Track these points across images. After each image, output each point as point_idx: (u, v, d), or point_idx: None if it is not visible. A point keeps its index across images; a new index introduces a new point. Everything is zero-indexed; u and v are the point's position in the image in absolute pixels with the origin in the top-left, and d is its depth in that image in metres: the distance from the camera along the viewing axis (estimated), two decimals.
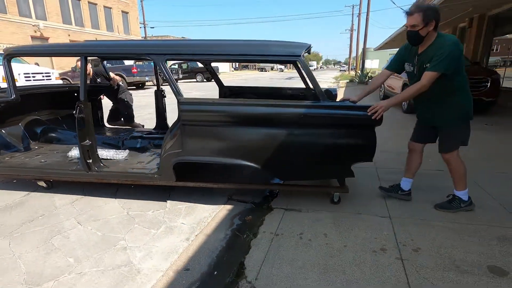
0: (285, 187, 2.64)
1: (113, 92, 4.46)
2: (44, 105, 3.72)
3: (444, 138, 2.20)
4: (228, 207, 2.63)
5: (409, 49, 2.16)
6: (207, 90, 14.29)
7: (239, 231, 2.25)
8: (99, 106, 4.36)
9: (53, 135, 3.67)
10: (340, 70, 56.25)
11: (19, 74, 9.38)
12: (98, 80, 4.36)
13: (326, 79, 25.47)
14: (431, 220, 2.26)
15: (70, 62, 19.78)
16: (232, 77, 31.25)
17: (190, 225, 2.35)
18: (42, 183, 2.89)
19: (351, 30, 36.81)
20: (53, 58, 20.02)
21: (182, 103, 2.30)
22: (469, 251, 1.87)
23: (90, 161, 2.58)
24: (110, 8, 24.88)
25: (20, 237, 2.13)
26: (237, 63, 78.09)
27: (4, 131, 3.19)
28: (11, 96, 2.69)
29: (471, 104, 2.10)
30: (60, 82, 11.33)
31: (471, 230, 2.11)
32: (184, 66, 22.88)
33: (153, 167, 2.76)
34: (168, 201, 2.72)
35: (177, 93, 2.33)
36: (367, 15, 20.28)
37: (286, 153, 2.29)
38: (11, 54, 2.58)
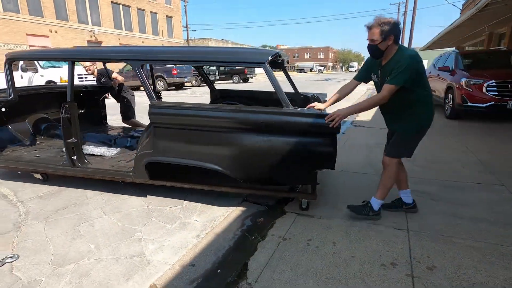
0: (252, 190, 2.64)
1: (117, 91, 4.63)
2: (52, 104, 4.00)
3: (394, 142, 2.20)
4: (242, 208, 2.68)
5: (374, 60, 2.16)
6: None
7: (248, 232, 2.28)
8: (102, 106, 4.67)
9: (55, 131, 3.91)
10: None
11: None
12: (102, 79, 4.60)
13: None
14: (454, 236, 2.07)
15: (119, 64, 21.48)
16: (267, 78, 31.41)
17: (203, 222, 2.43)
18: (38, 176, 3.18)
19: None
20: None
21: (152, 106, 2.44)
22: (492, 276, 1.69)
23: (75, 157, 2.80)
24: (156, 13, 26.50)
25: (53, 222, 2.39)
26: None
27: (10, 127, 3.53)
28: (10, 96, 2.99)
29: (429, 117, 2.10)
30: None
31: (499, 252, 1.90)
32: (222, 67, 23.54)
33: (132, 165, 2.85)
34: (185, 200, 2.84)
35: (150, 97, 2.49)
36: (413, 13, 19.06)
37: (248, 157, 2.33)
38: (12, 59, 2.89)
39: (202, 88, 17.46)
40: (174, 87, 16.65)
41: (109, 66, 4.72)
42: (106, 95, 4.72)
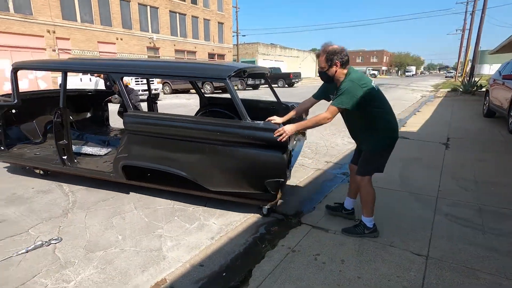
0: (212, 194, 2.73)
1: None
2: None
3: (362, 162, 2.24)
4: (259, 215, 2.74)
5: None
6: (285, 97, 14.58)
7: (260, 240, 2.34)
8: (105, 108, 5.06)
9: None
10: (446, 76, 48.71)
11: (131, 79, 11.59)
12: (108, 83, 4.96)
13: (422, 87, 22.56)
14: (480, 270, 1.87)
15: None
16: (314, 82, 30.86)
17: (220, 226, 2.56)
18: (39, 171, 3.54)
19: (463, 30, 31.42)
20: None
21: (126, 116, 2.71)
22: None
23: (65, 157, 3.09)
24: (209, 20, 27.96)
25: (93, 212, 2.74)
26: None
27: (18, 127, 3.91)
28: (14, 100, 3.34)
29: (392, 134, 2.14)
30: (160, 86, 13.41)
31: None
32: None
33: None
34: (208, 201, 3.00)
35: (128, 106, 2.76)
36: (483, 12, 17.06)
37: (207, 164, 2.53)
38: (17, 68, 3.27)
39: (246, 92, 17.92)
40: (220, 90, 17.38)
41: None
42: (110, 98, 5.16)
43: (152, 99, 4.54)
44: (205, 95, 4.35)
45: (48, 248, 2.18)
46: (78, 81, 12.09)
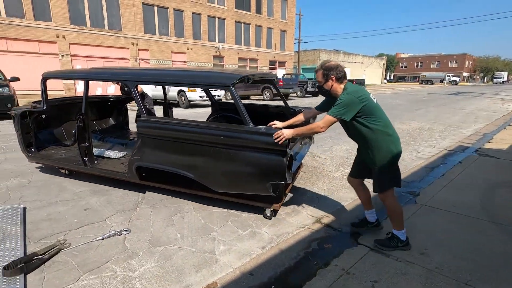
0: (217, 195, 2.88)
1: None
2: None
3: (375, 178, 2.27)
4: (313, 228, 2.65)
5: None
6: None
7: (312, 256, 2.25)
8: (125, 113, 5.36)
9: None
10: None
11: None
12: (125, 89, 5.19)
13: None
14: None
15: None
16: (379, 90, 28.87)
17: (271, 235, 2.54)
18: (64, 170, 3.82)
19: None
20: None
21: (140, 120, 2.92)
22: None
23: (86, 158, 3.33)
24: (272, 28, 28.55)
25: (157, 209, 3.00)
26: (391, 75, 70.98)
27: (47, 131, 4.21)
28: (43, 107, 3.70)
29: (395, 147, 2.17)
30: (222, 92, 14.10)
31: None
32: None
33: None
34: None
35: (142, 112, 2.98)
36: None
37: (213, 167, 2.67)
38: (46, 77, 3.60)
39: (306, 99, 17.70)
40: (279, 97, 17.51)
41: None
42: (130, 103, 5.50)
43: (168, 105, 4.85)
44: (253, 101, 4.53)
45: (119, 238, 2.45)
46: (153, 86, 13.49)
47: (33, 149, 3.79)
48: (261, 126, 2.49)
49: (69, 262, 2.13)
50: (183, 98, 12.92)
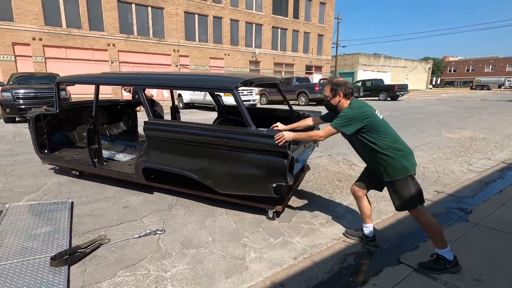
0: (221, 197, 2.97)
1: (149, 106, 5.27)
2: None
3: (392, 195, 2.19)
4: (349, 242, 2.49)
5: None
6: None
7: (347, 272, 2.11)
8: (134, 117, 5.48)
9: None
10: None
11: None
12: (136, 96, 5.22)
13: None
14: None
15: None
16: (424, 95, 27.05)
17: (304, 246, 2.44)
18: (75, 171, 3.94)
19: None
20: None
21: (146, 123, 3.01)
22: None
23: (96, 160, 3.43)
24: (309, 33, 28.25)
25: (191, 211, 3.04)
26: (438, 80, 66.21)
27: (60, 133, 4.35)
28: (56, 110, 3.88)
29: (408, 162, 2.10)
30: (257, 97, 14.20)
31: None
32: (368, 84, 22.26)
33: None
34: (294, 217, 2.93)
35: (148, 115, 3.05)
36: None
37: (216, 168, 2.74)
38: (59, 82, 3.79)
39: None
40: (315, 102, 17.19)
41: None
42: (138, 108, 5.59)
43: (175, 109, 4.90)
44: (262, 105, 4.67)
45: (154, 237, 2.52)
46: (190, 91, 14.01)
47: (46, 151, 3.95)
48: (263, 128, 2.57)
49: (108, 258, 2.23)
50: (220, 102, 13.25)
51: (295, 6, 26.72)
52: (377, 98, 21.53)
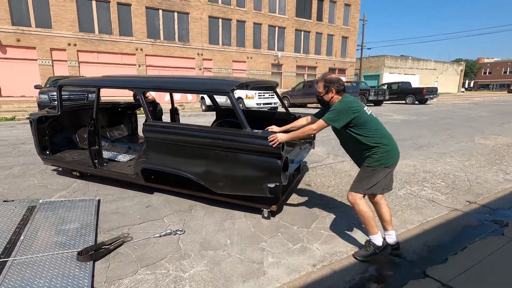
0: (217, 196, 3.06)
1: (152, 108, 5.32)
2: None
3: (355, 178, 2.32)
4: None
5: None
6: (409, 114, 12.72)
7: (369, 282, 2.03)
8: (134, 119, 5.57)
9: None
10: None
11: (255, 93, 12.75)
12: (137, 97, 5.23)
13: None
14: None
15: (293, 83, 24.08)
16: (455, 99, 25.67)
17: (323, 253, 2.38)
18: (76, 172, 4.01)
19: None
20: (282, 80, 25.31)
21: (145, 125, 3.11)
22: None
23: (96, 161, 3.49)
24: (333, 35, 27.82)
25: (210, 213, 3.07)
26: (471, 82, 62.62)
27: (61, 135, 4.34)
28: (58, 112, 3.94)
29: (386, 157, 2.20)
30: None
31: None
32: (394, 87, 21.50)
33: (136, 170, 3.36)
34: (314, 223, 2.87)
35: (147, 117, 3.16)
36: None
37: (213, 168, 2.82)
38: (61, 85, 3.84)
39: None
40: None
41: (283, 82, 5.44)
42: (138, 110, 5.68)
43: (174, 111, 4.92)
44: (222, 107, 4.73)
45: (174, 237, 2.57)
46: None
47: (47, 152, 4.03)
48: (257, 130, 2.65)
49: (130, 255, 2.30)
50: (240, 105, 13.35)
51: (319, 8, 26.46)
52: (403, 101, 20.73)
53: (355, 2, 28.65)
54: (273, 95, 13.18)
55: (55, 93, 9.46)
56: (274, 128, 2.78)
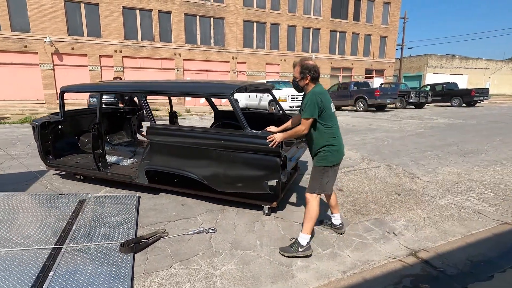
0: (219, 195, 3.19)
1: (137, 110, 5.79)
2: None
3: (310, 178, 2.48)
4: (407, 262, 2.29)
5: None
6: (455, 117, 11.78)
7: None
8: (134, 123, 5.64)
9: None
10: None
11: (288, 96, 12.72)
12: (127, 103, 5.71)
13: None
14: None
15: (327, 85, 23.64)
16: (510, 101, 23.24)
17: (354, 260, 2.32)
18: (79, 176, 4.09)
19: None
20: None
21: (149, 127, 3.22)
22: None
23: (100, 164, 3.58)
24: (370, 35, 26.77)
25: (241, 213, 3.14)
26: None
27: (64, 140, 4.37)
28: (61, 118, 4.04)
29: (333, 153, 2.36)
30: None
31: None
32: (438, 88, 20.06)
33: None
34: (345, 229, 2.81)
35: (150, 120, 3.27)
36: None
37: (215, 168, 2.94)
38: (64, 91, 3.88)
39: (406, 111, 15.79)
40: (374, 108, 16.17)
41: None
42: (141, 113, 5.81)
43: (173, 114, 4.96)
44: (219, 109, 4.83)
45: (206, 235, 2.68)
46: (247, 96, 14.47)
47: (51, 157, 4.09)
48: (257, 131, 2.77)
49: (166, 250, 2.44)
50: (273, 107, 13.39)
51: (356, 8, 25.66)
52: (449, 104, 19.27)
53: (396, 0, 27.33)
54: (298, 98, 13.04)
55: (103, 97, 10.27)
56: (272, 128, 2.91)
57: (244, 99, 14.77)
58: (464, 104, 18.75)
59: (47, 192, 3.70)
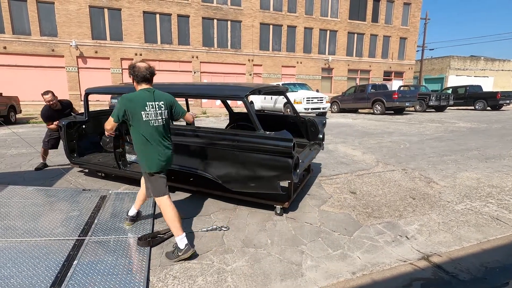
0: (232, 194, 3.29)
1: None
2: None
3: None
4: (418, 266, 2.28)
5: None
6: (478, 121, 11.34)
7: None
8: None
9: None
10: None
11: (303, 98, 12.70)
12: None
13: None
14: None
15: (344, 88, 23.36)
16: None
17: (364, 262, 2.34)
18: (100, 173, 4.30)
19: None
20: (332, 84, 24.69)
21: None
22: None
23: (120, 162, 3.72)
24: (389, 36, 26.20)
25: (253, 213, 3.21)
26: None
27: (88, 139, 4.59)
28: (85, 118, 4.26)
29: (153, 160, 2.37)
30: (328, 105, 13.84)
31: None
32: (461, 91, 19.34)
33: None
34: (356, 232, 2.82)
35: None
36: None
37: (229, 167, 3.02)
38: (88, 93, 4.08)
39: (426, 115, 15.33)
40: (392, 111, 15.82)
41: (333, 87, 5.42)
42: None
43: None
44: (234, 111, 4.94)
45: (219, 233, 2.77)
46: (262, 98, 14.56)
47: (75, 155, 4.33)
48: (270, 132, 2.84)
49: None
50: (288, 110, 13.41)
51: (375, 9, 25.22)
52: (472, 107, 18.54)
53: (416, 0, 26.64)
54: (322, 100, 12.98)
55: None
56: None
57: (259, 101, 14.87)
58: (489, 108, 17.98)
59: (72, 188, 3.93)
